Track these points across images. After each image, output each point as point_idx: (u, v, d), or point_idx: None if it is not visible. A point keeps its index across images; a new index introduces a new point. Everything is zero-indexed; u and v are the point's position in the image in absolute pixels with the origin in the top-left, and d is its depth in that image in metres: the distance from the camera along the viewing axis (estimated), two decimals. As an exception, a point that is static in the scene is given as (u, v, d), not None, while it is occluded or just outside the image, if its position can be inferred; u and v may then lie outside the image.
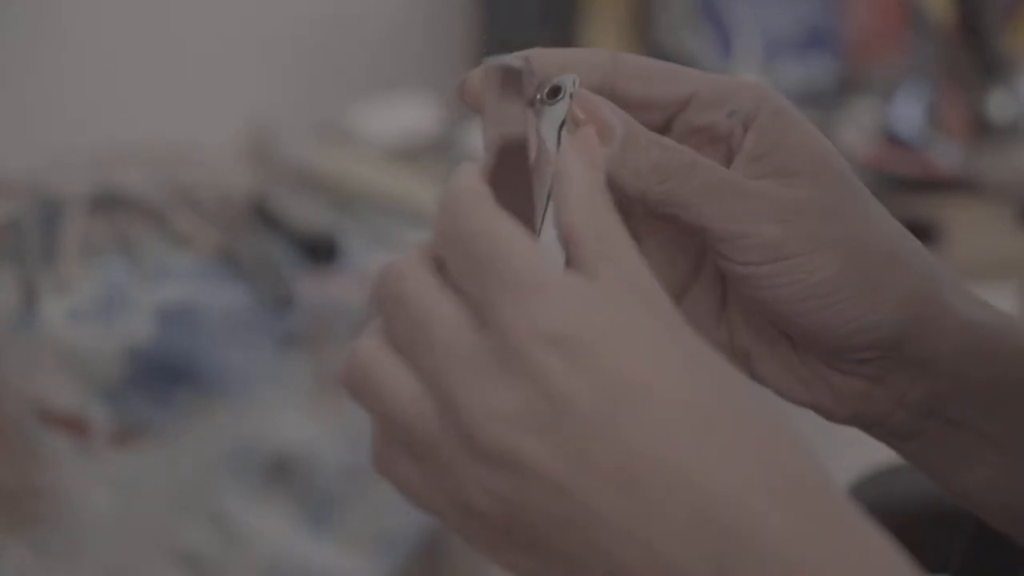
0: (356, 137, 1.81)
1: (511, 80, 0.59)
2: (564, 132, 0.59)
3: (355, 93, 1.91)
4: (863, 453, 1.37)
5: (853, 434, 0.67)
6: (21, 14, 1.84)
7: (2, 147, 1.82)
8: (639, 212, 0.63)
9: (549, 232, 0.55)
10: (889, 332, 0.62)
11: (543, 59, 0.61)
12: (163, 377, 1.37)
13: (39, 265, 1.44)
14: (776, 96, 0.62)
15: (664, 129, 0.62)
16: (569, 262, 0.52)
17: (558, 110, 0.60)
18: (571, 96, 0.60)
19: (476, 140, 1.87)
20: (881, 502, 0.94)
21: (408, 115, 1.84)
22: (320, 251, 1.48)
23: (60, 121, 1.87)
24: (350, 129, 1.82)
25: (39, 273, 1.42)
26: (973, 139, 1.81)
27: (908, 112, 1.81)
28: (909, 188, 1.68)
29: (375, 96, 1.88)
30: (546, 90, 0.60)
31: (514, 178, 0.56)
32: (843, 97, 1.84)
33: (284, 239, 1.51)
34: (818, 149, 0.62)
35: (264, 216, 1.56)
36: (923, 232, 1.53)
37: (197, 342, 1.38)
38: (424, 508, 0.52)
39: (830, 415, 0.65)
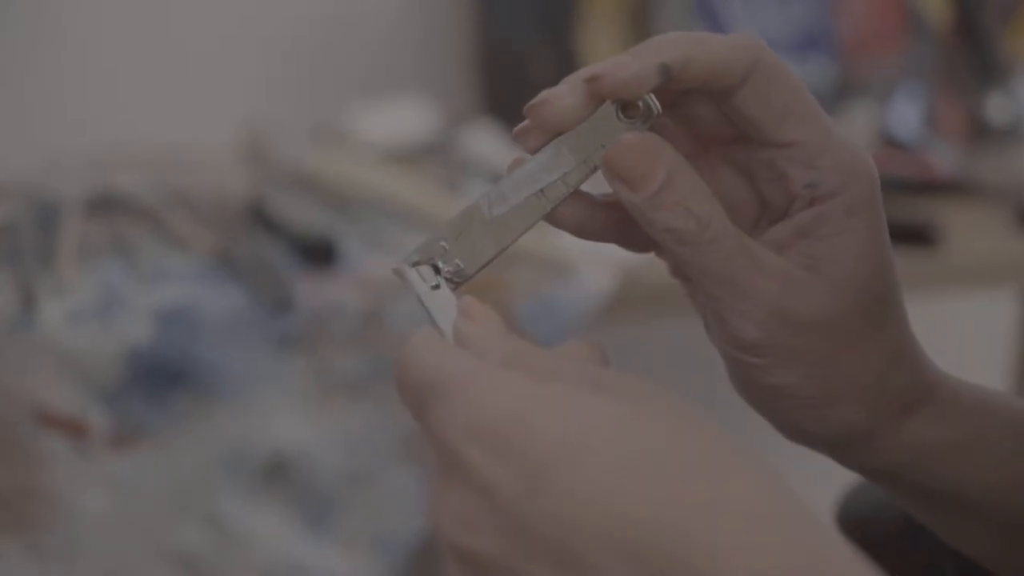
0: (353, 139, 1.81)
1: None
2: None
3: (352, 95, 1.91)
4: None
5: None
6: (19, 15, 1.84)
7: (-1, 149, 1.82)
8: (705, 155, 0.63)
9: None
10: (833, 438, 0.63)
11: (688, 47, 0.59)
12: (161, 379, 1.37)
13: (36, 267, 1.44)
14: (865, 186, 0.60)
15: (741, 138, 0.62)
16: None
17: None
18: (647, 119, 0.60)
19: (471, 142, 1.87)
20: (874, 510, 0.94)
21: (405, 117, 1.84)
22: (318, 253, 1.48)
23: (57, 123, 1.87)
24: (347, 131, 1.82)
25: (36, 275, 1.42)
26: (971, 142, 1.82)
27: (906, 114, 1.81)
28: (907, 190, 1.68)
29: (372, 98, 1.88)
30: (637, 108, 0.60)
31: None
32: (840, 99, 1.84)
33: (281, 241, 1.51)
34: (860, 257, 0.60)
35: (261, 218, 1.56)
36: (920, 235, 1.53)
37: (195, 344, 1.38)
38: None
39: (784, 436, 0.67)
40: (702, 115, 0.62)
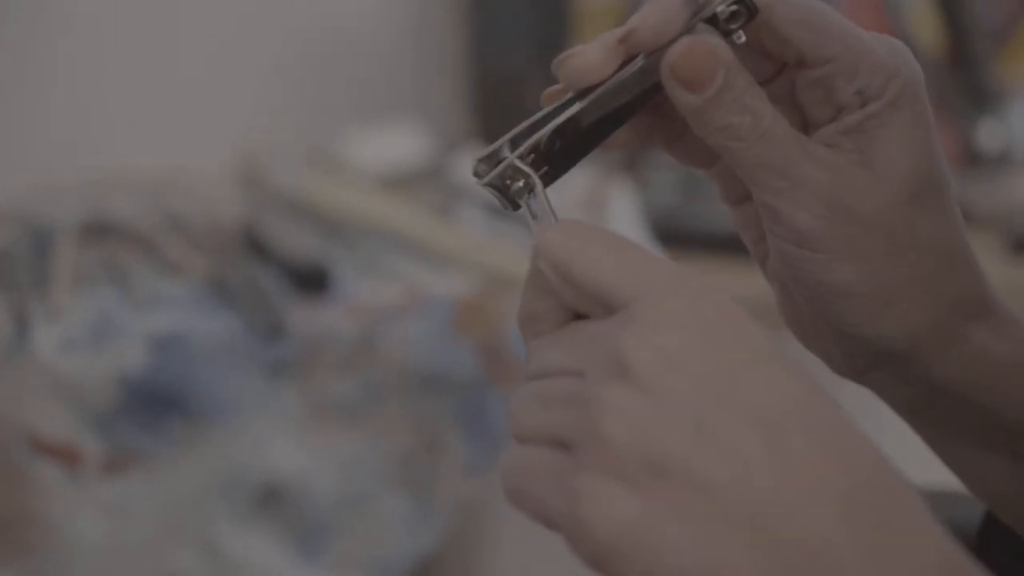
0: (347, 164, 1.81)
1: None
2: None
3: (346, 120, 1.91)
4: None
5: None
6: (12, 39, 1.84)
7: (-7, 174, 1.82)
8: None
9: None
10: (889, 349, 0.64)
11: None
12: (154, 405, 1.37)
13: (30, 292, 1.44)
14: (908, 83, 0.62)
15: (789, 69, 0.63)
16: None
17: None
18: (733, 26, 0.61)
19: (465, 169, 1.87)
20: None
21: (399, 143, 1.84)
22: (311, 279, 1.48)
23: (51, 148, 1.87)
24: (341, 156, 1.82)
25: (30, 300, 1.42)
26: (963, 168, 1.82)
27: (898, 141, 1.81)
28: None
29: (366, 123, 1.88)
30: (729, 12, 0.61)
31: None
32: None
33: (275, 267, 1.51)
34: (909, 152, 0.62)
35: (255, 244, 1.56)
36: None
37: (188, 370, 1.38)
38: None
39: (836, 370, 0.67)
40: (741, 58, 0.63)
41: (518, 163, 0.61)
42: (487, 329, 1.46)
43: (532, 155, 0.61)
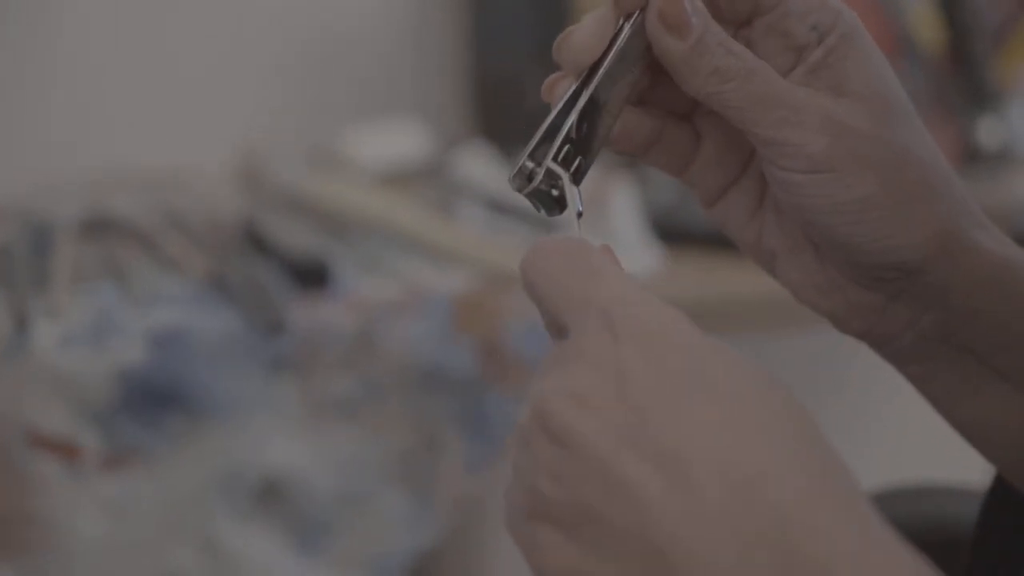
0: (347, 162, 1.81)
1: None
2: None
3: (346, 118, 1.92)
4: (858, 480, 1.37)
5: (846, 462, 0.67)
6: (10, 39, 1.85)
7: (-7, 171, 1.82)
8: (704, 108, 0.68)
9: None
10: (913, 257, 0.65)
11: None
12: (154, 401, 1.37)
13: (30, 290, 1.44)
14: (853, 18, 0.65)
15: (746, 22, 0.66)
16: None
17: None
18: None
19: (465, 165, 1.87)
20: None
21: (399, 140, 1.84)
22: (311, 276, 1.48)
23: (51, 146, 1.87)
24: (341, 154, 1.83)
25: (30, 298, 1.42)
26: (963, 166, 1.82)
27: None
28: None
29: (366, 121, 1.89)
30: None
31: None
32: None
33: (275, 264, 1.51)
34: (876, 75, 0.65)
35: (255, 241, 1.56)
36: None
37: (188, 367, 1.38)
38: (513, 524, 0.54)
39: (842, 326, 0.68)
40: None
41: (552, 166, 0.62)
42: (487, 327, 1.46)
43: (565, 149, 0.63)
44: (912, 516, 0.98)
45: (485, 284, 1.50)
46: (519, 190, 0.63)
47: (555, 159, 0.62)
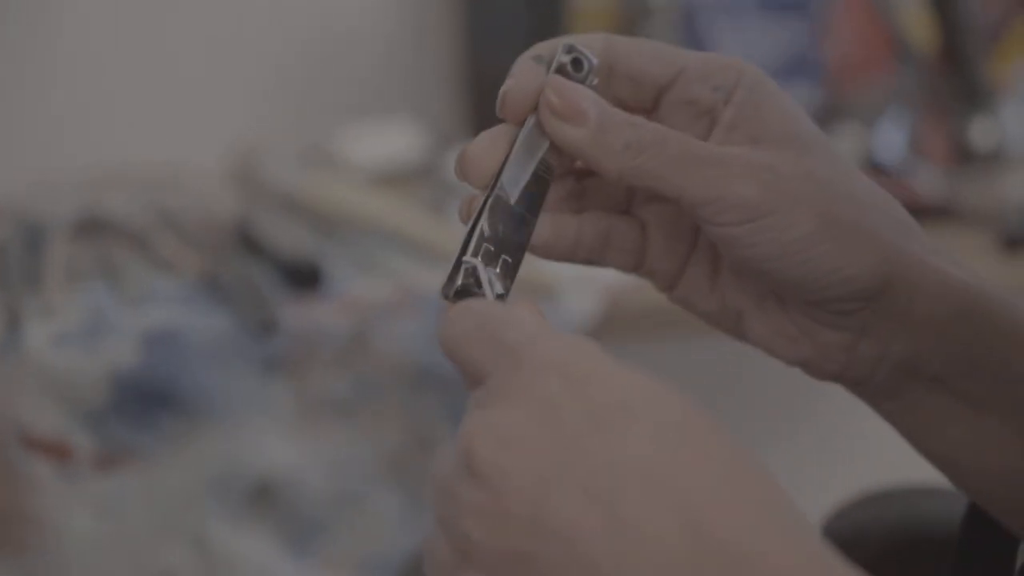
0: (341, 162, 1.81)
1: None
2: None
3: (341, 118, 1.92)
4: (847, 481, 1.38)
5: (835, 463, 0.67)
6: (5, 38, 1.85)
7: (-13, 171, 1.82)
8: (640, 197, 0.68)
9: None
10: (867, 284, 0.65)
11: (541, 45, 0.66)
12: (146, 401, 1.37)
13: (23, 289, 1.44)
14: (755, 70, 0.66)
15: (654, 106, 0.67)
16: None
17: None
18: (590, 71, 0.65)
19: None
20: (857, 532, 0.94)
21: (394, 140, 1.84)
22: (304, 276, 1.48)
23: (45, 144, 1.87)
24: (335, 154, 1.83)
25: (22, 297, 1.42)
26: (955, 166, 1.82)
27: (891, 139, 1.82)
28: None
29: (361, 121, 1.89)
30: (569, 60, 0.65)
31: None
32: (825, 124, 1.85)
33: (268, 264, 1.51)
34: (790, 118, 0.65)
35: (248, 241, 1.56)
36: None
37: (181, 367, 1.38)
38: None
39: (817, 372, 0.68)
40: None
41: (466, 259, 0.63)
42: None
43: (483, 248, 0.63)
44: (904, 516, 0.99)
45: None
46: (446, 296, 0.63)
47: (474, 254, 0.63)
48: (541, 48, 0.66)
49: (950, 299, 0.65)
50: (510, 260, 0.64)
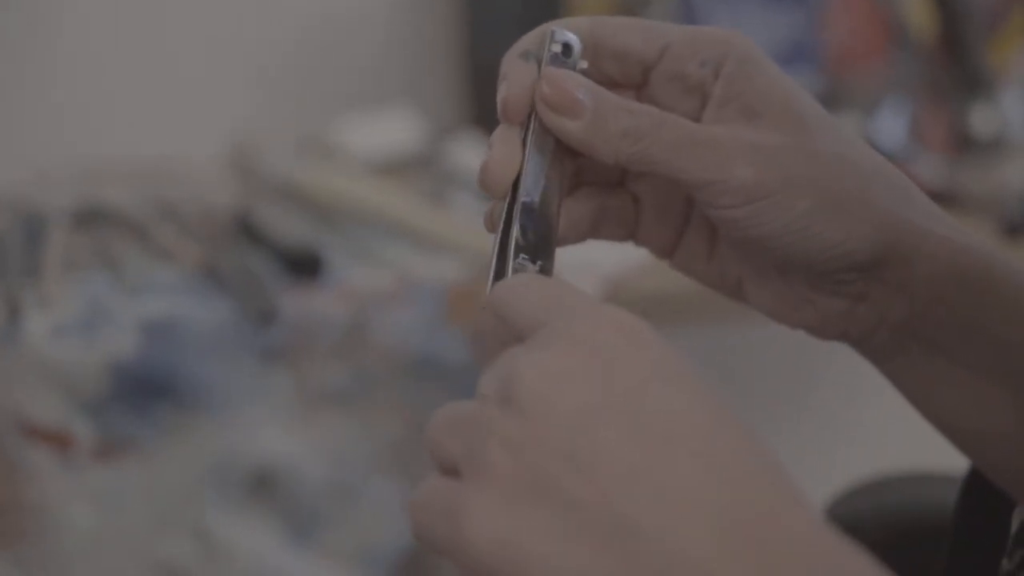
0: (340, 152, 1.81)
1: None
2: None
3: (339, 108, 1.91)
4: (846, 469, 1.37)
5: (834, 451, 0.67)
6: (6, 29, 1.85)
7: (-14, 162, 1.82)
8: (632, 172, 0.68)
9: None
10: (867, 256, 0.65)
11: (525, 39, 0.66)
12: (146, 392, 1.37)
13: (22, 279, 1.44)
14: (744, 42, 0.65)
15: (643, 82, 0.66)
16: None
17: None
18: (577, 56, 0.65)
19: (457, 154, 1.87)
20: (857, 521, 0.94)
21: (392, 130, 1.84)
22: (303, 266, 1.48)
23: (45, 136, 1.87)
24: (334, 144, 1.82)
25: (22, 288, 1.42)
26: (955, 153, 1.82)
27: (890, 126, 1.81)
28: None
29: (359, 111, 1.88)
30: (559, 48, 0.65)
31: None
32: (826, 111, 1.85)
33: (267, 254, 1.51)
34: (783, 91, 0.65)
35: (248, 231, 1.56)
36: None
37: (180, 357, 1.38)
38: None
39: (818, 334, 0.69)
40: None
41: (517, 263, 0.63)
42: (474, 315, 1.46)
43: (520, 258, 0.63)
44: (903, 503, 0.99)
45: (477, 273, 1.50)
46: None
47: (515, 271, 0.63)
48: (526, 42, 0.65)
49: (950, 266, 0.65)
50: (544, 266, 0.64)
